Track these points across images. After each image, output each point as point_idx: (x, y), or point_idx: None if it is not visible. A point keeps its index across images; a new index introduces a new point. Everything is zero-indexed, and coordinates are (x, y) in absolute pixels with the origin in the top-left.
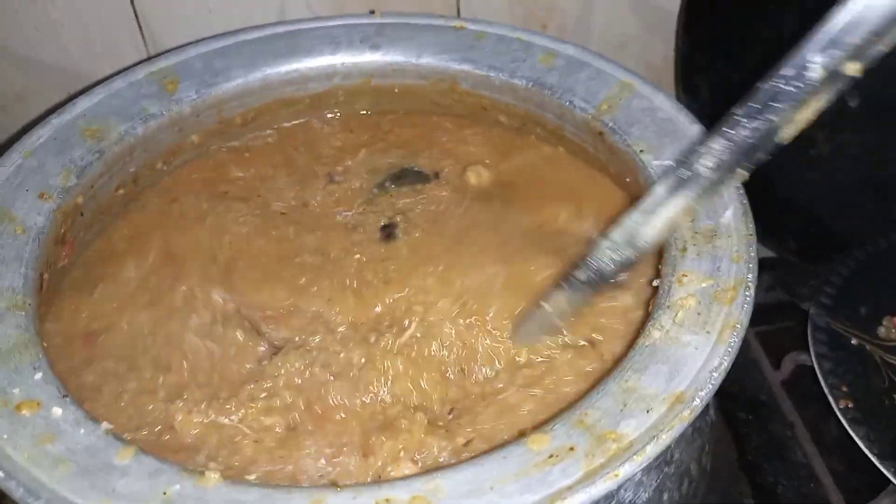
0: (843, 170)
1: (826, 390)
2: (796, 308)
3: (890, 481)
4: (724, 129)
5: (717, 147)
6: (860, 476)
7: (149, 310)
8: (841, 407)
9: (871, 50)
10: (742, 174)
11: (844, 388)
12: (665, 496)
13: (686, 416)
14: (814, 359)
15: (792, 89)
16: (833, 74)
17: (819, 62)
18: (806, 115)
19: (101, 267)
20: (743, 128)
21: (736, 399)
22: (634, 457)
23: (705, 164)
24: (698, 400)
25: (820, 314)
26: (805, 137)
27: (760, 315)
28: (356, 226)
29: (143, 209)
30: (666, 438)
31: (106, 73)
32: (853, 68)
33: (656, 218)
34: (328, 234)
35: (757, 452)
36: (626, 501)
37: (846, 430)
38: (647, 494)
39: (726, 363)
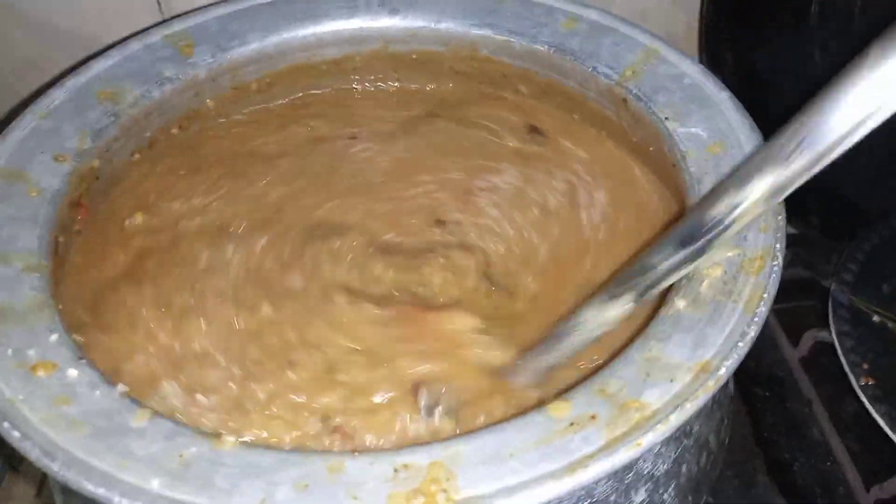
0: (867, 143)
1: (847, 368)
2: (815, 285)
3: None
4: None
5: None
6: (877, 455)
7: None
8: (861, 384)
9: None
10: None
11: (865, 366)
12: (684, 468)
13: (711, 385)
14: (834, 336)
15: None
16: None
17: None
18: None
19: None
20: None
21: (753, 375)
22: (658, 426)
23: None
24: (724, 369)
25: (842, 291)
26: None
27: (780, 292)
28: None
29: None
30: (690, 408)
31: (120, 37)
32: None
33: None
34: None
35: (773, 429)
36: (645, 472)
37: (864, 408)
38: (665, 466)
39: (753, 332)
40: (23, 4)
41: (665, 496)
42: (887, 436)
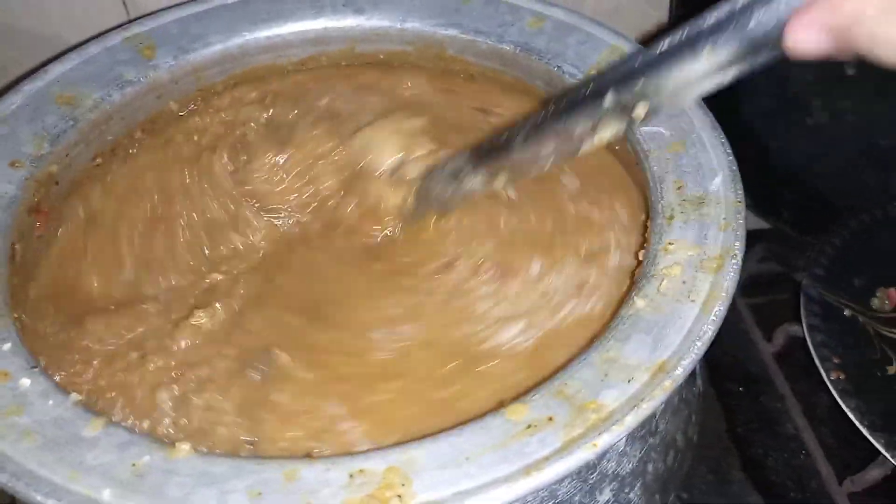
0: (839, 139)
1: (817, 362)
2: (790, 279)
3: (879, 452)
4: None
5: None
6: (850, 448)
7: None
8: (832, 378)
9: None
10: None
11: (836, 360)
12: (650, 467)
13: (668, 385)
14: (805, 330)
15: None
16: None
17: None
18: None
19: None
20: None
21: (727, 371)
22: (613, 427)
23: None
24: (681, 369)
25: (813, 285)
26: (802, 106)
27: (753, 287)
28: None
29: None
30: (647, 408)
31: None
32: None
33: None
34: None
35: (747, 425)
36: (610, 472)
37: (837, 402)
38: (630, 465)
39: (710, 332)
40: None
41: (631, 495)
42: (858, 429)
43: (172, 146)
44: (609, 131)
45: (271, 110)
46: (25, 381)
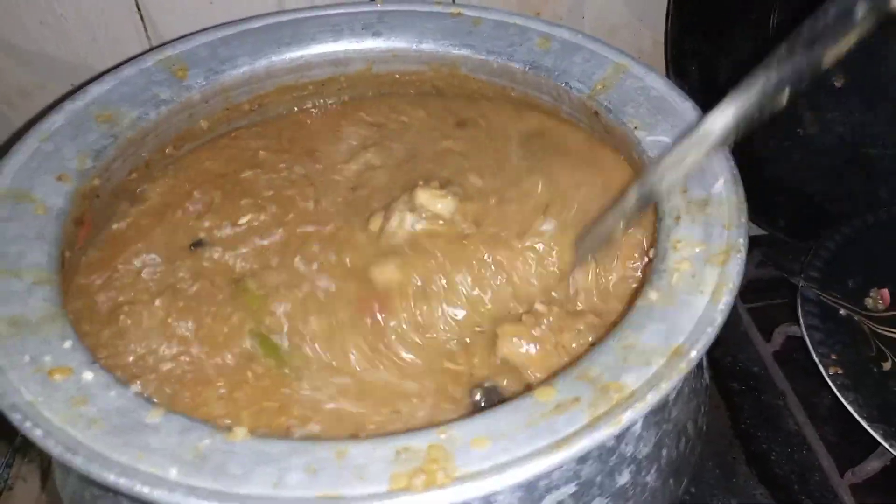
0: (829, 149)
1: (816, 359)
2: (786, 284)
3: (879, 444)
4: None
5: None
6: (849, 443)
7: None
8: (830, 374)
9: None
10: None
11: (834, 357)
12: (664, 451)
13: (683, 367)
14: (804, 329)
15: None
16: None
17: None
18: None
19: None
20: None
21: (729, 371)
22: (636, 404)
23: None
24: (695, 352)
25: (809, 287)
26: (793, 118)
27: (752, 291)
28: None
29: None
30: (665, 388)
31: (109, 65)
32: None
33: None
34: None
35: (750, 421)
36: (628, 455)
37: (836, 398)
38: (647, 449)
39: (720, 319)
40: (13, 35)
41: (647, 478)
42: (858, 422)
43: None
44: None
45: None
46: (88, 375)
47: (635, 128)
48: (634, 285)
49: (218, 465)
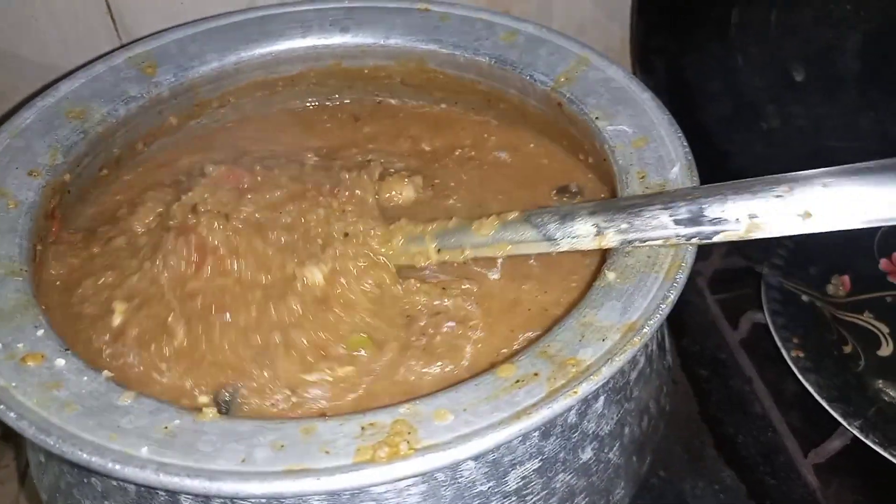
0: (791, 142)
1: (779, 342)
2: (753, 274)
3: (838, 426)
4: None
5: None
6: (812, 425)
7: None
8: (792, 356)
9: None
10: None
11: (796, 340)
12: (626, 429)
13: (637, 341)
14: (767, 314)
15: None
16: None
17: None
18: None
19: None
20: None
21: (697, 358)
22: (591, 377)
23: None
24: (647, 328)
25: (773, 274)
26: (756, 112)
27: (719, 281)
28: None
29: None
30: (619, 361)
31: (80, 65)
32: None
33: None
34: None
35: (718, 406)
36: (590, 432)
37: (800, 382)
38: (608, 427)
39: (672, 296)
40: None
41: (611, 455)
42: (819, 405)
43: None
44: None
45: None
46: (60, 361)
47: (596, 118)
48: None
49: (188, 443)
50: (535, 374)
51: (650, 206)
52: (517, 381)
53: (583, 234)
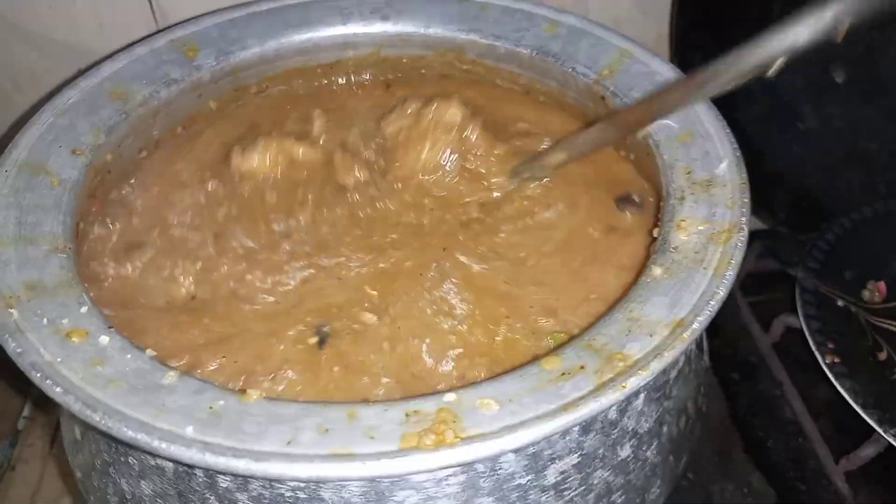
0: (829, 143)
1: (813, 347)
2: (786, 278)
3: (873, 432)
4: None
5: None
6: (845, 432)
7: None
8: (827, 362)
9: None
10: None
11: (831, 345)
12: (665, 428)
13: (686, 337)
14: (801, 318)
15: None
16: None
17: None
18: None
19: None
20: None
21: (729, 361)
22: (640, 372)
23: None
24: (697, 324)
25: (808, 277)
26: (793, 112)
27: (752, 284)
28: None
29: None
30: (668, 357)
31: (116, 49)
32: None
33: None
34: None
35: (748, 410)
36: (630, 429)
37: (831, 388)
38: (648, 424)
39: (721, 293)
40: (23, 19)
41: (648, 453)
42: (853, 410)
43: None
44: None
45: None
46: (104, 339)
47: None
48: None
49: (233, 424)
50: (582, 367)
51: None
52: (563, 374)
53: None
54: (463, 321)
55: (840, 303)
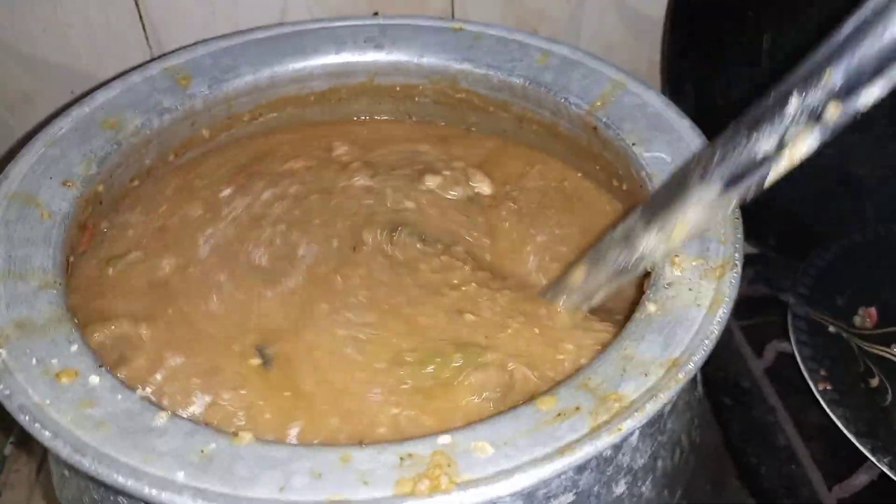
0: (818, 169)
1: (805, 374)
2: (777, 302)
3: (866, 459)
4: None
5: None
6: (837, 458)
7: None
8: (820, 389)
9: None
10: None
11: (823, 372)
12: (659, 463)
13: (681, 378)
14: (794, 345)
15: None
16: (812, 113)
17: (797, 98)
18: (795, 151)
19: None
20: (733, 146)
21: (721, 386)
22: (636, 413)
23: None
24: (692, 364)
25: (799, 304)
26: None
27: (744, 309)
28: None
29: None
30: (663, 398)
31: (111, 73)
32: (834, 111)
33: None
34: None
35: (741, 436)
36: (624, 466)
37: (825, 414)
38: (643, 460)
39: (716, 331)
40: (17, 41)
41: (643, 489)
42: (845, 438)
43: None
44: (802, 145)
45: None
46: (95, 379)
47: (633, 143)
48: None
49: (224, 468)
50: (577, 408)
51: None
52: (558, 415)
53: (650, 246)
54: None
55: (832, 329)
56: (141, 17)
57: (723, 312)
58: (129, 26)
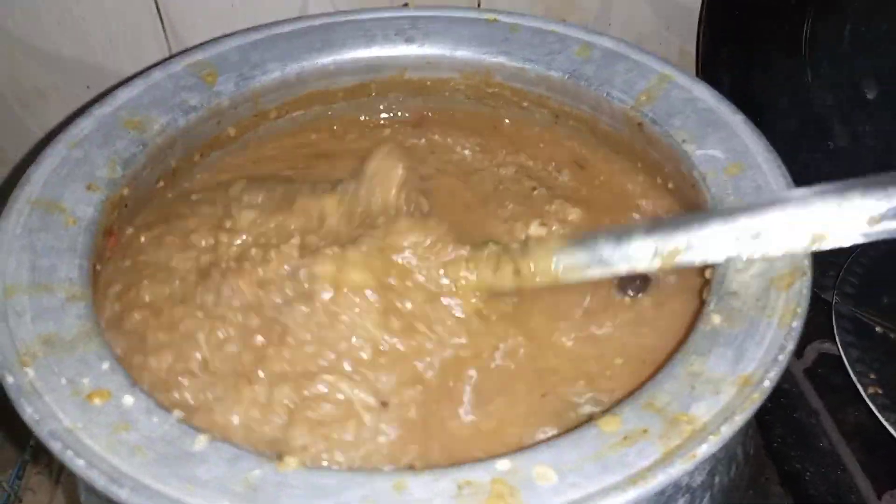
0: (861, 161)
1: (854, 378)
2: (819, 301)
3: None
4: None
5: None
6: (887, 462)
7: None
8: (870, 393)
9: None
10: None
11: (872, 376)
12: (716, 479)
13: (756, 397)
14: (840, 347)
15: None
16: None
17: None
18: None
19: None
20: None
21: None
22: (710, 437)
23: None
24: (767, 382)
25: (844, 303)
26: (823, 130)
27: None
28: None
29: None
30: (739, 420)
31: (127, 68)
32: None
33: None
34: None
35: (783, 440)
36: (683, 485)
37: (870, 417)
38: (701, 478)
39: (790, 346)
40: (30, 35)
41: None
42: (893, 445)
43: None
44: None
45: None
46: (129, 399)
47: (683, 140)
48: None
49: (271, 498)
50: (644, 431)
51: (708, 221)
52: (625, 438)
53: (640, 255)
54: None
55: (879, 329)
56: (158, 7)
57: (796, 325)
58: (145, 17)
